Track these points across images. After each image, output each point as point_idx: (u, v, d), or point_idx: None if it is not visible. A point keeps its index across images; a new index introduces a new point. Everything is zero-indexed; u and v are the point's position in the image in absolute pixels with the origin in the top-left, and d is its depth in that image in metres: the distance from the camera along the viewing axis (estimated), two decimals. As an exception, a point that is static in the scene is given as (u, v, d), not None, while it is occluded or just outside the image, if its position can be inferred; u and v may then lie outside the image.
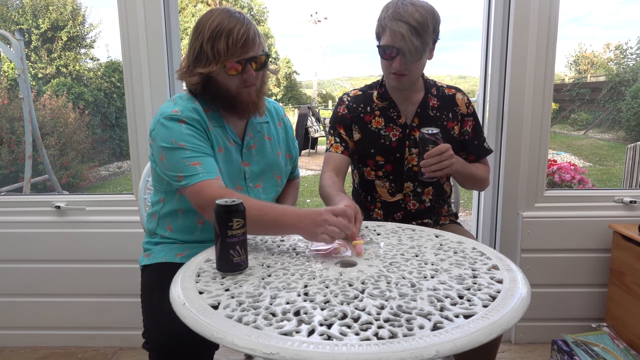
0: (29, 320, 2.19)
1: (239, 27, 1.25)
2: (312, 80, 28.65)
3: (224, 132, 1.37)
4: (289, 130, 1.56)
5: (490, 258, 1.09)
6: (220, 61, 1.25)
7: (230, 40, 1.24)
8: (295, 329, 0.78)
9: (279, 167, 1.49)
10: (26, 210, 2.13)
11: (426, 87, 1.60)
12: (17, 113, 6.69)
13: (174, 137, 1.26)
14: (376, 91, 1.61)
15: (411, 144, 1.57)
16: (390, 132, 1.58)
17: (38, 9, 10.30)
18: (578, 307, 2.14)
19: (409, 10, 1.38)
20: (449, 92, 1.62)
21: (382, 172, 1.60)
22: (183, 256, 1.37)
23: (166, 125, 1.27)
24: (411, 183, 1.60)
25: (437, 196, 1.64)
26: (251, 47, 1.27)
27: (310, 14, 36.63)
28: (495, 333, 0.77)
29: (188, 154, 1.24)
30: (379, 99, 1.60)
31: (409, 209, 1.61)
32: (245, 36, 1.25)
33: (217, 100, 1.35)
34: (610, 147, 10.28)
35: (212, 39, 1.25)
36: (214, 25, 1.25)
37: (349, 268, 1.04)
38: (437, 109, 1.59)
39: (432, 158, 1.35)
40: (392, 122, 1.58)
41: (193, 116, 1.29)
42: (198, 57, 1.28)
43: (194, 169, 1.23)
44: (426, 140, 1.37)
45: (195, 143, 1.26)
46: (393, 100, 1.58)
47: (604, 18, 34.50)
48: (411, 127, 1.57)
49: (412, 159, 1.57)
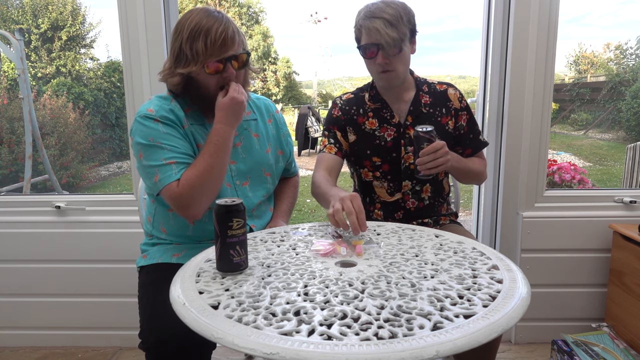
0: (29, 320, 2.19)
1: (217, 26, 1.24)
2: (312, 80, 28.62)
3: (205, 130, 1.37)
4: (281, 127, 1.55)
5: (490, 258, 1.09)
6: (200, 61, 1.25)
7: (208, 39, 1.24)
8: (295, 329, 0.78)
9: (267, 165, 1.48)
10: (26, 210, 2.13)
11: (417, 85, 1.61)
12: (17, 113, 6.69)
13: (152, 136, 1.27)
14: (367, 93, 1.62)
15: (406, 142, 1.57)
16: (385, 132, 1.58)
17: (38, 9, 10.31)
18: (578, 307, 2.14)
19: (380, 7, 1.45)
20: (441, 87, 1.63)
21: (380, 173, 1.60)
22: (179, 257, 1.37)
23: (143, 124, 1.28)
24: (409, 181, 1.60)
25: (435, 193, 1.64)
26: (230, 45, 1.27)
27: (310, 14, 36.63)
28: (495, 333, 0.77)
29: (163, 152, 1.26)
30: (370, 101, 1.61)
31: (408, 208, 1.62)
32: (223, 35, 1.25)
33: (197, 100, 1.35)
34: (610, 147, 10.27)
35: (191, 39, 1.25)
36: (192, 25, 1.25)
37: (349, 268, 1.04)
38: (429, 106, 1.60)
39: (427, 156, 1.36)
40: (386, 123, 1.58)
41: (167, 115, 1.30)
42: (178, 57, 1.28)
43: (169, 167, 1.24)
44: (420, 138, 1.37)
45: (172, 142, 1.27)
46: (385, 101, 1.59)
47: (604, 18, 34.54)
48: (405, 126, 1.58)
49: (408, 158, 1.58)
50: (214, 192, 1.27)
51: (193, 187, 1.22)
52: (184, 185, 1.23)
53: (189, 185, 1.22)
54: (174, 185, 1.23)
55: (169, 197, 1.25)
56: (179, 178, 1.24)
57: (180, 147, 1.28)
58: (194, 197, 1.23)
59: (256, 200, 1.45)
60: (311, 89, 27.40)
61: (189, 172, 1.24)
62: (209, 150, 1.26)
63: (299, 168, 1.70)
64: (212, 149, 1.26)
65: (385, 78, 1.51)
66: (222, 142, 1.26)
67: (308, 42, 67.46)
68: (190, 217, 1.28)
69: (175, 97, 1.36)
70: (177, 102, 1.35)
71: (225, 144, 1.27)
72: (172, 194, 1.23)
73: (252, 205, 1.43)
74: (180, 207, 1.25)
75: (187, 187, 1.22)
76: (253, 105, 1.50)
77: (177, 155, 1.26)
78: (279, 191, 1.60)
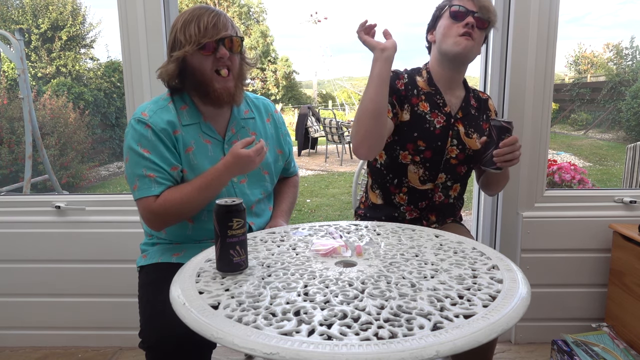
0: (29, 320, 2.19)
1: (209, 12, 1.30)
2: (312, 80, 28.63)
3: (198, 130, 1.37)
4: (280, 126, 1.56)
5: (490, 258, 1.09)
6: (193, 42, 1.28)
7: (201, 23, 1.28)
8: (295, 329, 0.78)
9: (265, 163, 1.48)
10: (26, 210, 2.13)
11: (466, 87, 1.63)
12: (17, 113, 6.69)
13: (140, 141, 1.30)
14: (420, 77, 1.59)
15: (454, 134, 1.55)
16: (435, 118, 1.55)
17: (38, 9, 10.31)
18: (578, 307, 2.14)
19: None
20: (483, 96, 1.67)
21: (420, 158, 1.55)
22: (179, 256, 1.37)
23: (134, 128, 1.31)
24: (444, 175, 1.57)
25: (459, 194, 1.65)
26: (222, 28, 1.30)
27: (310, 14, 36.61)
28: (495, 333, 0.77)
29: (147, 163, 1.29)
30: (426, 84, 1.57)
31: (435, 200, 1.60)
32: (215, 19, 1.30)
33: (193, 90, 1.36)
34: (610, 147, 10.28)
35: (184, 26, 1.29)
36: (185, 15, 1.31)
37: (349, 268, 1.04)
38: (475, 109, 1.62)
39: (507, 147, 1.36)
40: (438, 109, 1.55)
41: (159, 124, 1.31)
42: (173, 46, 1.32)
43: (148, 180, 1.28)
44: (502, 128, 1.35)
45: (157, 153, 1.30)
46: (438, 88, 1.57)
47: (603, 18, 34.55)
48: (456, 118, 1.56)
49: (452, 150, 1.55)
50: (183, 219, 1.36)
51: (168, 209, 1.28)
52: (161, 204, 1.27)
53: (165, 206, 1.27)
54: (151, 200, 1.28)
55: (142, 208, 1.30)
56: (157, 194, 1.28)
57: (163, 161, 1.30)
58: (166, 218, 1.30)
59: (254, 198, 1.45)
60: (311, 89, 27.41)
61: (172, 193, 1.28)
62: (200, 184, 1.28)
63: (298, 168, 1.70)
64: (203, 184, 1.28)
65: (465, 42, 1.46)
66: (215, 184, 1.28)
67: (308, 42, 67.43)
68: (154, 229, 1.37)
69: (172, 94, 1.37)
70: (175, 100, 1.36)
71: (216, 186, 1.29)
72: (146, 207, 1.28)
73: (250, 202, 1.44)
74: (149, 220, 1.31)
75: (163, 208, 1.27)
76: (251, 105, 1.51)
77: (158, 170, 1.29)
78: (279, 191, 1.60)
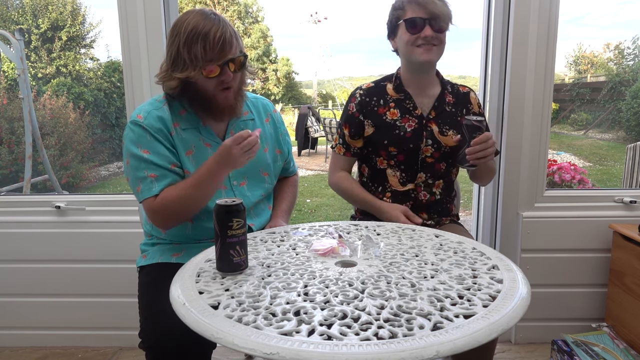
0: (29, 320, 2.19)
1: (214, 30, 1.24)
2: (312, 80, 28.59)
3: (197, 134, 1.38)
4: (279, 126, 1.56)
5: (490, 258, 1.09)
6: (198, 66, 1.25)
7: (207, 44, 1.23)
8: (295, 329, 0.78)
9: (265, 164, 1.48)
10: (26, 210, 2.13)
11: (442, 83, 1.64)
12: (17, 113, 6.69)
13: (139, 143, 1.30)
14: (391, 83, 1.64)
15: (428, 135, 1.58)
16: (406, 122, 1.59)
17: (38, 9, 10.30)
18: (578, 307, 2.14)
19: None
20: (463, 89, 1.68)
21: (394, 162, 1.61)
22: (179, 256, 1.37)
23: (132, 130, 1.31)
24: (424, 174, 1.61)
25: (446, 190, 1.66)
26: (228, 49, 1.27)
27: (310, 14, 36.52)
28: (495, 333, 0.77)
29: (147, 164, 1.29)
30: (394, 91, 1.62)
31: (420, 199, 1.62)
32: (222, 39, 1.25)
33: (194, 103, 1.36)
34: (610, 147, 10.27)
35: (189, 44, 1.24)
36: (189, 28, 1.24)
37: (349, 268, 1.04)
38: (452, 105, 1.63)
39: (478, 145, 1.38)
40: (408, 113, 1.60)
41: (154, 124, 1.31)
42: (175, 61, 1.28)
43: (150, 181, 1.29)
44: (473, 127, 1.38)
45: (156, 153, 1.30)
46: (408, 93, 1.61)
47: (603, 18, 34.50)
48: (428, 119, 1.59)
49: (426, 150, 1.59)
50: (187, 217, 1.36)
51: (167, 207, 1.28)
52: (160, 203, 1.28)
53: (164, 204, 1.28)
54: (152, 200, 1.29)
55: (146, 209, 1.32)
56: (157, 194, 1.29)
57: (163, 159, 1.30)
58: (166, 216, 1.31)
59: (254, 200, 1.45)
60: (311, 89, 27.38)
61: (170, 192, 1.29)
62: (194, 180, 1.28)
63: (298, 168, 1.70)
64: (197, 179, 1.28)
65: (427, 52, 1.51)
66: (207, 178, 1.27)
67: (308, 42, 67.36)
68: (160, 228, 1.38)
69: (171, 100, 1.37)
70: (172, 104, 1.36)
71: (210, 181, 1.27)
72: (148, 207, 1.30)
73: (250, 204, 1.44)
74: (152, 219, 1.33)
75: (162, 206, 1.28)
76: (250, 105, 1.50)
77: (158, 168, 1.29)
78: (279, 191, 1.60)
